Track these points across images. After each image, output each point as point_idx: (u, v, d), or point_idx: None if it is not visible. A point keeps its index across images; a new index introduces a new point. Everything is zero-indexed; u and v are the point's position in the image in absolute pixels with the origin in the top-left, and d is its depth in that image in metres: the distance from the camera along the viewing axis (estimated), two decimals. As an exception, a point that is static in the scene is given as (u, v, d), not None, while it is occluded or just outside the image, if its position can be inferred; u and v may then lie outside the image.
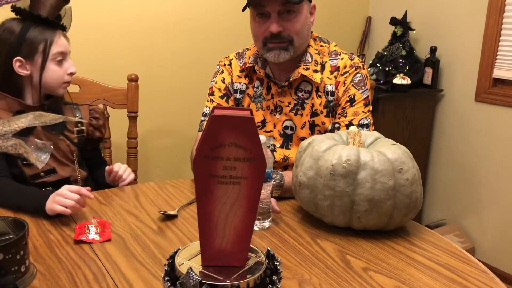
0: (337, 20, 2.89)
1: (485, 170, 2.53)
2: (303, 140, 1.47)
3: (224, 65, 1.58)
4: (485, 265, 1.03)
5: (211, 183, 0.77)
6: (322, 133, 1.47)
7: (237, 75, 1.54)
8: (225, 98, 1.54)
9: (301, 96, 1.49)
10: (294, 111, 1.49)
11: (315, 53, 1.49)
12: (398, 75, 2.59)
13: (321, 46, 1.52)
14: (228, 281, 0.74)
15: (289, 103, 1.50)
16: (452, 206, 2.73)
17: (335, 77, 1.47)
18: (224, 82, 1.55)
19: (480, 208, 2.58)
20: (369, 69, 2.72)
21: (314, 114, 1.48)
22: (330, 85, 1.47)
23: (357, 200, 1.07)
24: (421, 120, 2.70)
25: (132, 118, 1.86)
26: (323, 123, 1.48)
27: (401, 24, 2.69)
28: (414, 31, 2.73)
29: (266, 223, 1.16)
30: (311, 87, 1.48)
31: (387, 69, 2.65)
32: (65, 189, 1.17)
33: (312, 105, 1.48)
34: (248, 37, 1.69)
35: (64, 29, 1.42)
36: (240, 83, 1.54)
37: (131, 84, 1.84)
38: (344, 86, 1.46)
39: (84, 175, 1.50)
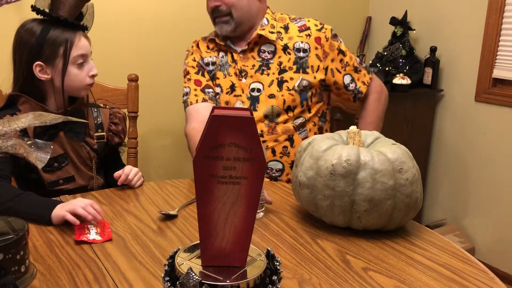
0: (337, 20, 2.89)
1: (485, 170, 2.53)
2: (271, 97, 1.59)
3: (192, 47, 1.74)
4: (485, 265, 1.03)
5: (211, 183, 0.76)
6: (290, 89, 1.60)
7: (206, 51, 1.70)
8: (200, 72, 1.68)
9: (265, 57, 1.62)
10: (260, 72, 1.62)
11: (273, 19, 1.66)
12: (398, 75, 2.59)
13: (281, 15, 1.70)
14: (228, 281, 0.74)
15: (253, 65, 1.63)
16: (452, 206, 2.73)
17: (308, 36, 1.63)
18: (195, 60, 1.70)
19: (480, 208, 2.58)
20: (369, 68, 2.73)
21: (282, 71, 1.61)
22: (302, 42, 1.62)
23: (357, 200, 1.07)
24: (421, 120, 2.70)
25: (132, 118, 1.86)
26: (292, 79, 1.60)
27: (401, 24, 2.69)
28: (414, 31, 2.73)
29: (260, 214, 1.18)
30: (274, 48, 1.63)
31: (387, 69, 2.65)
32: (78, 199, 1.17)
33: (280, 63, 1.61)
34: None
35: (84, 29, 1.39)
36: (210, 56, 1.69)
37: (131, 84, 1.84)
38: (327, 41, 1.64)
39: (101, 183, 1.49)
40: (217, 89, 1.64)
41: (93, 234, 1.09)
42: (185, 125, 1.68)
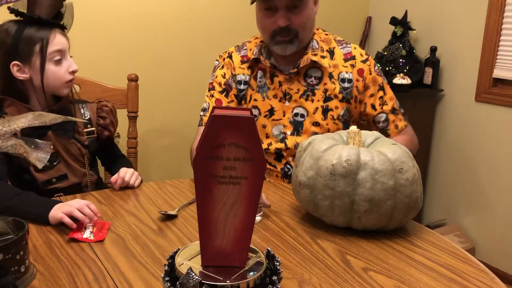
0: (337, 20, 2.89)
1: (485, 170, 2.53)
2: (316, 125, 1.53)
3: (224, 59, 1.60)
4: (485, 265, 1.03)
5: (211, 183, 0.76)
6: (335, 118, 1.54)
7: (239, 67, 1.57)
8: (225, 93, 1.57)
9: (311, 83, 1.53)
10: (304, 97, 1.53)
11: (321, 40, 1.56)
12: (398, 75, 2.59)
13: (326, 34, 1.59)
14: (228, 281, 0.74)
15: (298, 89, 1.53)
16: (452, 206, 2.73)
17: (352, 66, 1.54)
18: (224, 77, 1.58)
19: (480, 208, 2.58)
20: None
21: (328, 99, 1.53)
22: (347, 72, 1.53)
23: (357, 200, 1.07)
24: (421, 120, 2.70)
25: (132, 118, 1.86)
26: (337, 107, 1.53)
27: (401, 24, 2.69)
28: (414, 31, 2.73)
29: (258, 217, 1.18)
30: (321, 74, 1.53)
31: (387, 69, 2.65)
32: (74, 200, 1.16)
33: (325, 90, 1.53)
34: (248, 37, 1.69)
35: (61, 27, 1.38)
36: (243, 74, 1.57)
37: (131, 84, 1.84)
38: (370, 75, 1.55)
39: (94, 179, 1.49)
40: (255, 111, 1.54)
41: (86, 233, 1.09)
42: (193, 141, 1.61)
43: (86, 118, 1.49)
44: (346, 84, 1.52)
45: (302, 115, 1.53)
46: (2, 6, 1.19)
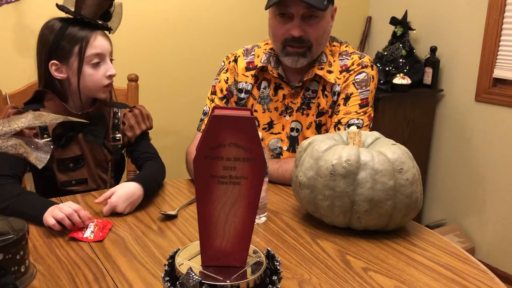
0: (337, 20, 2.87)
1: (485, 170, 2.53)
2: None
3: (229, 62, 1.53)
4: (485, 265, 1.03)
5: (211, 183, 0.76)
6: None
7: (243, 74, 1.50)
8: (225, 100, 1.52)
9: (308, 96, 1.46)
10: (301, 111, 1.48)
11: (329, 53, 1.47)
12: (398, 75, 2.59)
13: (333, 46, 1.50)
14: (228, 281, 0.74)
15: (297, 103, 1.48)
16: (452, 206, 2.73)
17: (344, 77, 1.45)
18: (226, 82, 1.52)
19: (480, 208, 2.58)
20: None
21: (320, 113, 1.47)
22: (338, 85, 1.44)
23: (357, 200, 1.07)
24: (421, 120, 2.70)
25: (132, 118, 1.86)
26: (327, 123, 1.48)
27: (401, 24, 2.69)
28: (414, 31, 2.73)
29: (263, 218, 1.18)
30: (317, 87, 1.46)
31: (387, 69, 2.65)
32: (66, 204, 1.12)
33: (318, 105, 1.46)
34: (248, 37, 1.69)
35: (105, 29, 1.34)
36: (246, 82, 1.50)
37: (131, 84, 1.84)
38: (345, 83, 1.44)
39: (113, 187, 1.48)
40: None
41: (87, 233, 1.09)
42: (189, 144, 1.56)
43: (116, 124, 1.44)
44: (335, 98, 1.45)
45: (297, 130, 1.49)
46: (2, 6, 1.19)
